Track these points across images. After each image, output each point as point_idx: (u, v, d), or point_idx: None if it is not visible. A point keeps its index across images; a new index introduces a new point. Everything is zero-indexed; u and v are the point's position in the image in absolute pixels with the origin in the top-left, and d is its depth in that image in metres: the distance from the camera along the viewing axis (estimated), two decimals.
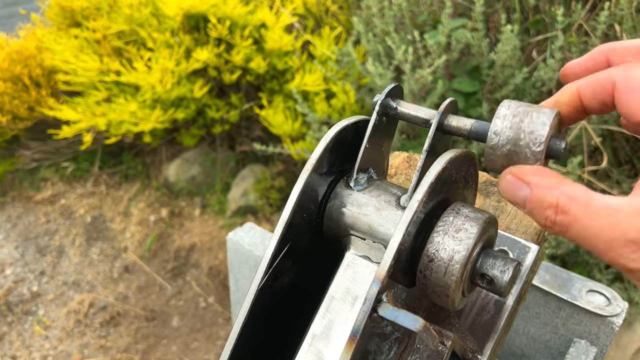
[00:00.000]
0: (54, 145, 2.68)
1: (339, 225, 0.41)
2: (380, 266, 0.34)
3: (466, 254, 0.35)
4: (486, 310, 0.50)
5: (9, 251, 2.43)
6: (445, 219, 0.36)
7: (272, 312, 0.42)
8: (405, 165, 0.59)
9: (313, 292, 0.43)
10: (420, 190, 0.35)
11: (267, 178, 2.44)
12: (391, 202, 0.39)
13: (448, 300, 0.37)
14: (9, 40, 2.51)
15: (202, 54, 2.04)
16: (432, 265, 0.36)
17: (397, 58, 1.65)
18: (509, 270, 0.36)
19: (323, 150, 0.40)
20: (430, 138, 0.38)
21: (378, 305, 0.34)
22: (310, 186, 0.40)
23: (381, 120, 0.42)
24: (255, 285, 0.39)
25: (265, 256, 0.39)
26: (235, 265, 0.82)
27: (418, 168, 0.38)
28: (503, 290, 0.36)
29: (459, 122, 0.38)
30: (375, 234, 0.39)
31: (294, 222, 0.40)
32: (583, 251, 1.61)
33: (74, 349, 2.01)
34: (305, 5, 2.29)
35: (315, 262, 0.45)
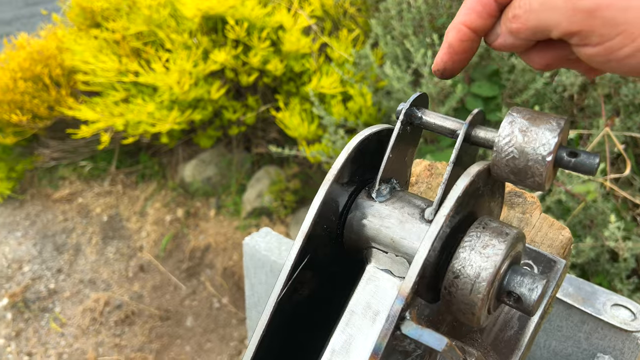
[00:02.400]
0: (72, 145, 2.71)
1: (359, 237, 0.40)
2: (405, 282, 0.33)
3: (493, 271, 0.34)
4: (509, 325, 0.48)
5: (27, 248, 2.46)
6: (472, 234, 0.35)
7: (291, 324, 0.41)
8: (426, 174, 0.58)
9: (332, 303, 0.42)
10: (447, 205, 0.33)
11: (282, 180, 2.43)
12: (415, 214, 0.38)
13: (474, 319, 0.35)
14: (30, 40, 2.54)
15: (220, 56, 2.04)
16: (457, 282, 0.35)
17: (416, 61, 1.64)
18: (537, 288, 0.35)
19: (345, 160, 0.39)
20: (457, 149, 0.37)
21: (401, 322, 0.33)
22: (330, 197, 0.39)
23: (405, 130, 0.40)
24: (274, 297, 0.38)
25: (284, 268, 0.38)
26: (251, 270, 0.82)
27: (444, 180, 0.37)
28: (531, 308, 0.35)
29: (487, 134, 0.37)
30: (398, 248, 0.38)
31: (314, 234, 0.39)
32: (604, 260, 1.58)
33: (89, 347, 2.03)
34: (323, 7, 2.28)
35: (335, 274, 0.44)
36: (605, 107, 1.56)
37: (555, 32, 0.33)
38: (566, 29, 0.32)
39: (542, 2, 0.33)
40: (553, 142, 0.33)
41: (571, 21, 0.31)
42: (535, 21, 0.33)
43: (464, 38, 0.37)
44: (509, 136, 0.34)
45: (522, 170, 0.34)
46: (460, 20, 0.37)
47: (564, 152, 0.34)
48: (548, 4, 0.32)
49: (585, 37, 0.31)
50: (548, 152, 0.33)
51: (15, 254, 2.43)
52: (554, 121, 0.34)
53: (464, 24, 0.37)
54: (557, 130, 0.33)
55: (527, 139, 0.34)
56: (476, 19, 0.37)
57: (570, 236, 0.50)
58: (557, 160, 0.34)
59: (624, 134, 1.52)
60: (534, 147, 0.34)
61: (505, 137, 0.34)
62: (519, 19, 0.34)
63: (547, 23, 0.33)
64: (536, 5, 0.33)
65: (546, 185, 0.35)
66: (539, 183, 0.34)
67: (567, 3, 0.31)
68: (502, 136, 0.35)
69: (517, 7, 0.34)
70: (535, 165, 0.34)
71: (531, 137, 0.34)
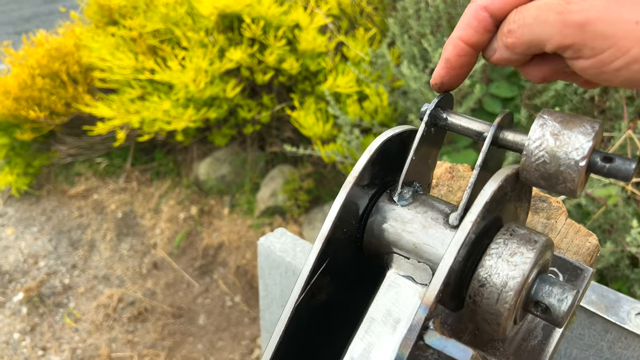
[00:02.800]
0: (88, 141, 2.73)
1: (380, 242, 0.39)
2: (429, 291, 0.31)
3: (521, 281, 0.32)
4: (533, 335, 0.47)
5: (43, 244, 2.48)
6: (498, 241, 0.34)
7: (307, 329, 0.40)
8: (447, 177, 0.56)
9: (350, 309, 0.41)
10: (474, 210, 0.32)
11: (296, 179, 2.42)
12: (439, 219, 0.37)
13: (499, 329, 0.34)
14: (48, 37, 2.57)
15: (236, 54, 2.04)
16: (483, 290, 0.33)
17: (434, 61, 1.62)
18: (567, 298, 0.33)
19: (367, 162, 0.38)
20: (484, 152, 0.35)
21: (424, 332, 0.32)
22: (351, 199, 0.38)
23: (429, 131, 0.39)
24: (292, 303, 0.37)
25: (303, 272, 0.37)
26: (266, 271, 0.81)
27: (470, 184, 0.35)
28: (560, 320, 0.33)
29: (516, 137, 0.35)
30: (420, 254, 0.37)
31: (333, 237, 0.38)
32: (624, 265, 1.54)
33: (103, 343, 2.04)
34: (340, 6, 2.27)
35: (355, 279, 0.42)
36: (628, 109, 1.53)
37: (549, 45, 0.33)
38: (559, 42, 0.32)
39: (534, 17, 0.33)
40: (587, 146, 0.32)
41: (563, 35, 0.32)
42: (529, 35, 0.34)
43: (461, 53, 0.38)
44: (540, 139, 0.33)
45: (553, 175, 0.33)
46: (457, 35, 0.38)
47: (598, 157, 0.32)
48: (540, 18, 0.33)
49: (578, 50, 0.32)
50: (581, 156, 0.32)
51: (31, 249, 2.46)
52: (587, 124, 0.32)
53: (460, 39, 0.38)
54: (591, 134, 0.32)
55: (559, 143, 0.32)
56: (473, 34, 0.37)
57: (597, 243, 0.48)
58: (590, 165, 0.33)
59: None
60: (566, 151, 0.32)
61: (535, 140, 0.33)
62: (513, 34, 0.35)
63: (540, 37, 0.33)
64: (529, 19, 0.34)
65: (578, 192, 0.33)
66: (570, 189, 0.33)
67: (558, 17, 0.32)
68: (532, 139, 0.33)
69: (511, 22, 0.35)
70: (567, 171, 0.32)
71: (563, 140, 0.32)
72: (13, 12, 5.27)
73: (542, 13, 0.33)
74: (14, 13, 5.25)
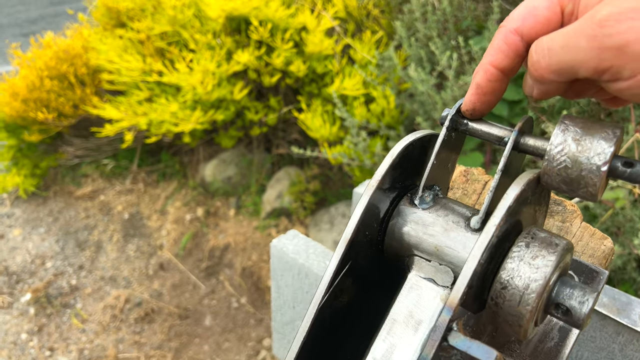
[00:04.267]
0: (95, 143, 2.75)
1: (401, 245, 0.40)
2: (453, 293, 0.32)
3: (543, 283, 0.33)
4: (550, 337, 0.47)
5: (50, 244, 2.49)
6: (520, 244, 0.34)
7: (331, 331, 0.41)
8: (462, 180, 0.57)
9: (372, 310, 0.42)
10: (498, 214, 0.33)
11: (302, 181, 2.43)
12: (460, 223, 0.38)
13: (520, 331, 0.34)
14: (56, 39, 2.58)
15: (243, 57, 2.05)
16: (505, 292, 0.34)
17: (441, 64, 1.62)
18: (588, 301, 0.34)
19: (389, 167, 0.38)
20: (505, 157, 0.36)
21: (448, 333, 0.32)
22: (373, 203, 0.39)
23: (450, 136, 0.40)
24: (315, 304, 0.38)
25: (326, 274, 0.38)
26: (278, 273, 0.82)
27: (492, 188, 0.36)
28: (582, 322, 0.34)
29: (537, 142, 0.36)
30: (442, 256, 0.37)
31: (356, 240, 0.38)
32: (630, 268, 1.54)
33: (110, 344, 2.05)
34: (347, 9, 2.28)
35: (375, 281, 0.43)
36: (635, 112, 1.53)
37: (583, 71, 0.32)
38: (595, 67, 0.32)
39: (563, 45, 0.33)
40: (609, 151, 0.32)
41: (600, 59, 0.31)
42: (558, 65, 0.33)
43: (492, 78, 0.38)
44: (562, 144, 0.33)
45: (575, 180, 0.33)
46: (488, 61, 0.37)
47: (619, 161, 0.33)
48: (571, 45, 0.32)
49: (616, 73, 0.31)
50: (603, 161, 0.32)
51: (39, 250, 2.47)
52: (609, 130, 0.33)
53: (491, 64, 0.37)
54: (613, 140, 0.32)
55: (581, 148, 0.33)
56: (503, 59, 0.37)
57: (612, 246, 0.49)
58: (611, 170, 0.33)
59: None
60: (588, 156, 0.33)
61: (557, 145, 0.34)
62: (539, 66, 0.34)
63: (571, 64, 0.33)
64: (557, 48, 0.33)
65: (599, 196, 0.34)
66: (592, 193, 0.34)
67: (593, 42, 0.31)
68: (554, 144, 0.34)
69: (533, 54, 0.35)
70: (589, 175, 0.33)
71: (585, 146, 0.33)
72: (19, 14, 5.30)
73: (572, 40, 0.32)
74: (21, 15, 5.28)
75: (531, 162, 1.58)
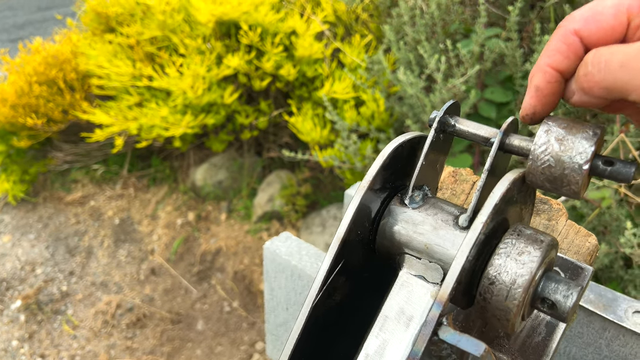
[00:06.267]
0: (85, 148, 2.73)
1: (392, 243, 0.41)
2: (442, 289, 0.33)
3: (529, 278, 0.34)
4: (537, 331, 0.48)
5: (40, 251, 2.48)
6: (507, 241, 0.36)
7: (324, 329, 0.42)
8: (450, 180, 0.58)
9: (364, 309, 0.43)
10: (485, 212, 0.34)
11: (293, 184, 2.44)
12: (449, 221, 0.39)
13: (508, 324, 0.36)
14: (45, 45, 2.57)
15: (233, 61, 2.06)
16: (493, 288, 0.35)
17: (429, 67, 1.64)
18: (572, 295, 0.35)
19: (379, 168, 0.39)
20: (492, 157, 0.37)
21: (438, 328, 0.33)
22: (364, 203, 0.40)
23: (438, 137, 0.41)
24: (309, 303, 0.39)
25: (319, 273, 0.39)
26: (271, 275, 0.82)
27: (479, 188, 0.37)
28: (566, 315, 0.35)
29: (522, 142, 0.37)
30: (432, 254, 0.39)
31: (348, 239, 0.40)
32: (617, 267, 1.57)
33: (101, 349, 2.04)
34: (336, 13, 2.29)
35: (367, 279, 0.44)
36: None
37: (635, 96, 0.31)
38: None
39: (623, 64, 0.31)
40: (590, 150, 0.34)
41: None
42: (611, 82, 0.32)
43: (551, 80, 0.36)
44: (545, 144, 0.35)
45: (558, 178, 0.35)
46: (545, 62, 0.36)
47: (600, 160, 0.34)
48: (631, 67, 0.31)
49: None
50: (585, 160, 0.34)
51: (29, 256, 2.45)
52: (590, 130, 0.34)
53: (549, 66, 0.36)
54: (593, 139, 0.34)
55: (564, 148, 0.34)
56: (562, 60, 0.36)
57: (597, 243, 0.50)
58: (592, 168, 0.35)
59: (638, 140, 1.51)
60: (570, 155, 0.34)
61: (541, 145, 0.35)
62: (592, 78, 0.33)
63: (625, 86, 0.31)
64: (615, 65, 0.31)
65: (581, 193, 0.35)
66: (574, 191, 0.35)
67: None
68: (538, 144, 0.35)
69: (589, 63, 0.33)
70: (571, 174, 0.34)
71: (568, 145, 0.34)
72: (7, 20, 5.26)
73: (633, 61, 0.31)
74: (8, 20, 5.24)
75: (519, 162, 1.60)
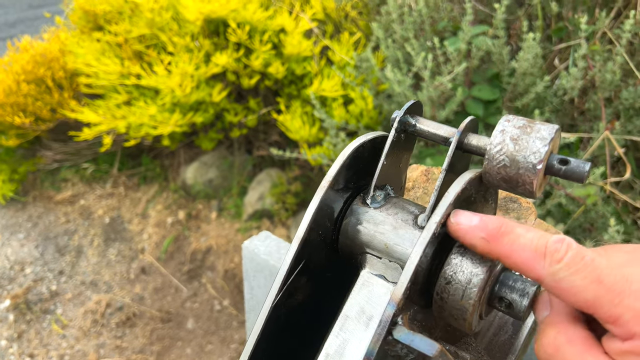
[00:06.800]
0: (74, 147, 2.72)
1: (354, 243, 0.41)
2: (397, 288, 0.33)
3: (485, 277, 0.34)
4: (504, 330, 0.49)
5: (29, 250, 2.47)
6: None
7: (286, 329, 0.42)
8: (423, 179, 0.58)
9: (326, 308, 0.43)
10: (439, 212, 0.34)
11: (283, 183, 2.44)
12: (408, 220, 0.39)
13: (465, 324, 0.36)
14: (33, 43, 2.56)
15: (222, 59, 2.05)
16: (449, 287, 0.35)
17: (417, 65, 1.64)
18: (528, 294, 0.35)
19: (340, 167, 0.39)
20: (449, 157, 0.37)
21: (393, 327, 0.33)
22: (326, 203, 0.40)
23: (399, 137, 0.41)
24: (269, 303, 0.39)
25: (280, 272, 0.39)
26: (251, 274, 0.82)
27: (436, 187, 0.37)
28: (522, 314, 0.35)
29: (480, 141, 0.37)
30: (391, 253, 0.39)
31: (309, 239, 0.39)
32: None
33: (91, 349, 2.03)
34: (325, 11, 2.29)
35: (330, 279, 0.44)
36: (606, 110, 1.57)
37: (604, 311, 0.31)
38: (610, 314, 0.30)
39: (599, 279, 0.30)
40: (543, 150, 0.34)
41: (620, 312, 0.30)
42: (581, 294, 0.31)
43: None
44: (501, 144, 0.35)
45: (513, 178, 0.35)
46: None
47: (555, 160, 0.35)
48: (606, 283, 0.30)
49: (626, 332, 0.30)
50: (538, 160, 0.34)
51: (18, 256, 2.44)
52: (545, 130, 0.34)
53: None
54: (547, 139, 0.34)
55: (519, 148, 0.34)
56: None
57: None
58: (547, 168, 0.35)
59: (624, 138, 1.52)
60: (524, 155, 0.34)
61: (496, 145, 0.35)
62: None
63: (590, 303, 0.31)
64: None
65: (537, 193, 0.35)
66: (529, 191, 0.35)
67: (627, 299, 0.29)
68: (493, 144, 0.35)
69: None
70: (526, 174, 0.34)
71: (522, 145, 0.34)
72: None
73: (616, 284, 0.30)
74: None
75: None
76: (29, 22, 5.08)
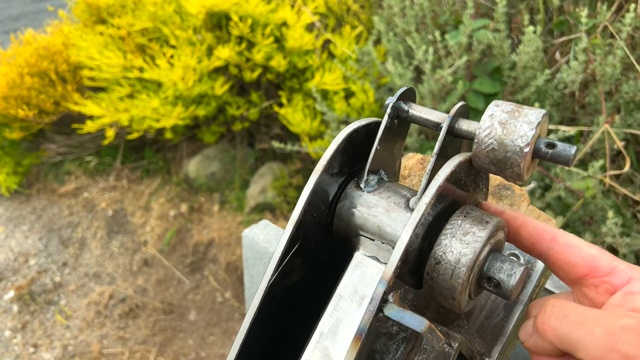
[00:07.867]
0: (78, 140, 2.74)
1: (348, 226, 0.42)
2: (387, 267, 0.34)
3: (473, 257, 0.35)
4: (495, 313, 0.50)
5: (33, 242, 2.49)
6: (453, 221, 0.37)
7: (282, 309, 0.43)
8: (419, 167, 0.59)
9: (322, 290, 0.44)
10: (428, 194, 0.35)
11: (285, 176, 2.45)
12: (400, 204, 0.40)
13: (454, 303, 0.37)
14: (36, 36, 2.57)
15: (224, 52, 2.06)
16: (439, 267, 0.36)
17: (418, 58, 1.65)
18: (515, 274, 0.36)
19: (334, 152, 0.40)
20: (440, 141, 0.38)
21: (384, 305, 0.34)
22: (320, 186, 0.41)
23: (393, 123, 0.42)
24: (265, 282, 0.40)
25: (275, 254, 0.40)
26: (250, 262, 0.84)
27: (427, 171, 0.38)
28: (509, 294, 0.36)
29: (470, 126, 0.38)
30: (383, 235, 0.40)
31: (304, 222, 0.41)
32: None
33: (94, 339, 2.05)
34: (327, 4, 2.29)
35: (325, 261, 0.45)
36: (606, 104, 1.57)
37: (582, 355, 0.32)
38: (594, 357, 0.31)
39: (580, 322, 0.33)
40: (530, 134, 0.35)
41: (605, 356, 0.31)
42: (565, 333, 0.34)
43: None
44: (489, 128, 0.36)
45: (502, 161, 0.36)
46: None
47: (542, 143, 0.36)
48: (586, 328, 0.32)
49: None
50: (525, 143, 0.35)
51: (22, 248, 2.46)
52: (532, 115, 0.35)
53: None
54: (534, 123, 0.35)
55: (506, 131, 0.35)
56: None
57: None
58: (535, 151, 0.36)
59: (624, 131, 1.52)
60: (512, 139, 0.35)
61: (485, 129, 0.36)
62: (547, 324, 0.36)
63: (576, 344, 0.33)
64: (573, 320, 0.33)
65: (525, 176, 0.36)
66: (517, 173, 0.36)
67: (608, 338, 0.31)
68: (482, 128, 0.36)
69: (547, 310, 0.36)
70: (513, 157, 0.35)
71: (510, 129, 0.35)
72: (2, 11, 5.24)
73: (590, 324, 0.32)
74: (3, 12, 5.22)
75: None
76: (33, 15, 5.09)
